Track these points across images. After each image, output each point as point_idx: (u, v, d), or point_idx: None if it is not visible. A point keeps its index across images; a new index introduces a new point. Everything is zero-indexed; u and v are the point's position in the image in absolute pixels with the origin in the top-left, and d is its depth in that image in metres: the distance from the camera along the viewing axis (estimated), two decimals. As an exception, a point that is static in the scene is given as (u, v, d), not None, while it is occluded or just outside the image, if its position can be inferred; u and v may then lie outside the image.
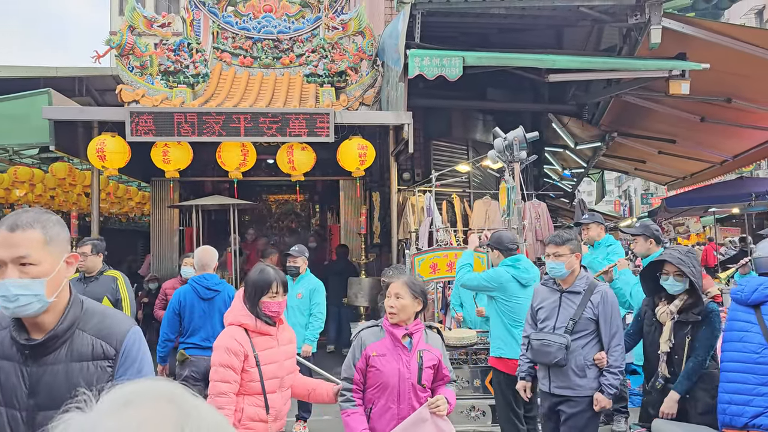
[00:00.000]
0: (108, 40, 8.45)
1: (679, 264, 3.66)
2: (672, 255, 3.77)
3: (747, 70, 7.92)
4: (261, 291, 3.15)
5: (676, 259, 3.70)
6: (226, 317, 3.25)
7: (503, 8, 7.35)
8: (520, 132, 5.27)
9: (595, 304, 3.85)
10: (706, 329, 3.70)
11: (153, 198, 9.91)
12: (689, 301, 3.74)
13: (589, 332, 3.85)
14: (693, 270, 3.67)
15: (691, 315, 3.71)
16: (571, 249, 3.90)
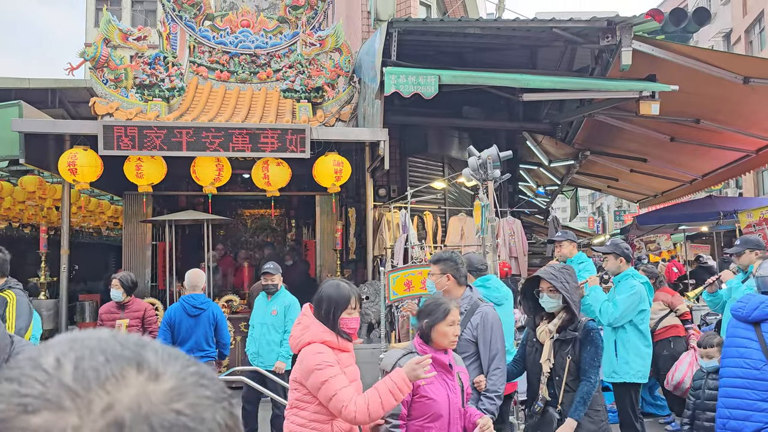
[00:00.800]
0: (82, 52, 8.37)
1: (551, 279, 3.50)
2: (545, 271, 3.63)
3: (714, 92, 8.14)
4: (340, 307, 2.98)
5: (548, 274, 3.56)
6: (299, 337, 2.97)
7: (478, 28, 7.46)
8: (494, 151, 5.33)
9: (475, 325, 3.64)
10: (591, 348, 3.51)
11: (126, 212, 9.77)
12: (567, 318, 3.57)
13: (468, 354, 3.62)
14: (566, 285, 3.51)
15: (569, 332, 3.53)
16: (441, 269, 3.73)
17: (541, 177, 15.25)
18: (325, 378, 2.79)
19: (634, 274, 5.21)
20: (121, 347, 0.49)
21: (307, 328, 2.99)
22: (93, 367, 0.46)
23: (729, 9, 27.13)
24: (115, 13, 32.52)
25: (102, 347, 0.49)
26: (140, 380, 0.46)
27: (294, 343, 2.99)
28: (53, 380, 0.45)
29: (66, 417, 0.44)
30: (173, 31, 9.73)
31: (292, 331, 3.07)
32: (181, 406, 0.46)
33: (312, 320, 3.00)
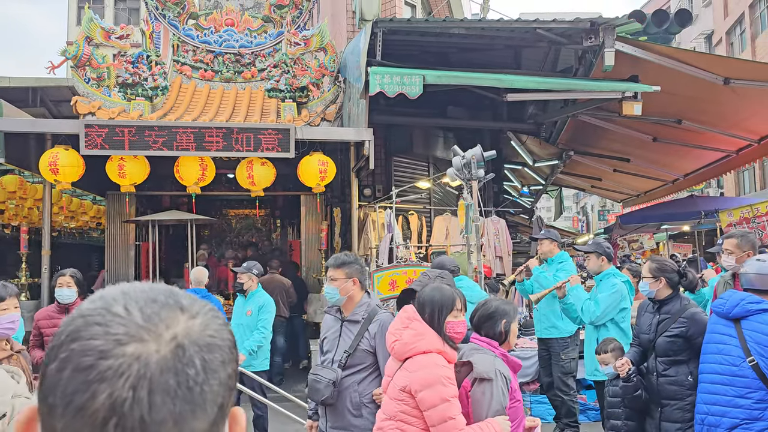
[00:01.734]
0: (63, 50, 8.28)
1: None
2: (420, 282, 3.32)
3: (696, 93, 8.24)
4: (446, 310, 2.77)
5: (420, 285, 3.23)
6: (413, 344, 2.72)
7: (463, 28, 7.49)
8: (477, 151, 5.35)
9: (372, 334, 3.38)
10: None
11: (108, 212, 9.68)
12: None
13: (366, 366, 3.38)
14: None
15: None
16: (347, 273, 3.44)
17: (525, 177, 15.33)
18: (446, 397, 2.58)
19: (615, 273, 5.27)
20: (164, 296, 0.70)
21: (422, 336, 2.73)
22: (154, 311, 0.67)
23: (710, 11, 27.48)
24: (97, 11, 32.21)
25: (152, 297, 0.69)
26: (184, 318, 0.68)
27: (404, 350, 2.74)
28: (130, 322, 0.65)
29: (148, 345, 0.64)
30: (156, 29, 9.65)
31: (401, 336, 2.77)
32: (211, 331, 0.69)
33: (425, 326, 2.76)
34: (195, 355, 0.66)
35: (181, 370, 0.64)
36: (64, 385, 0.62)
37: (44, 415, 0.64)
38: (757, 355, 3.40)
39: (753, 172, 23.49)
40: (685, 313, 3.95)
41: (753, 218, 9.06)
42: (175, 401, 0.63)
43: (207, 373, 0.66)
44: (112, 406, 0.60)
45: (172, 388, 0.63)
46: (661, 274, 4.05)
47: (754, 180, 23.84)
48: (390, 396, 2.76)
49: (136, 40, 11.30)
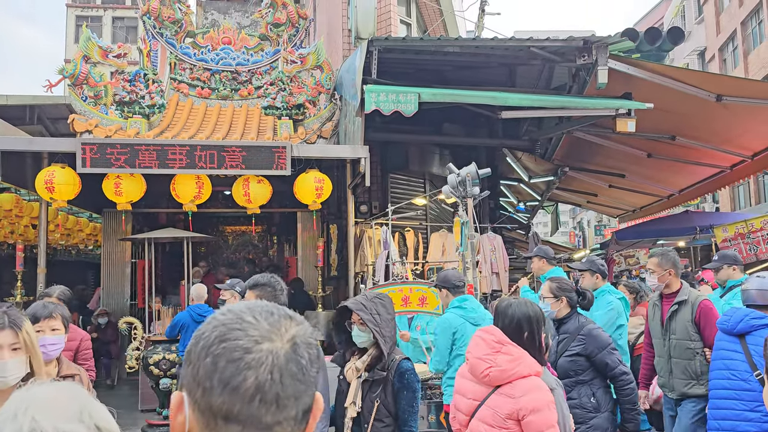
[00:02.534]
0: (61, 69, 8.32)
1: (359, 311, 3.05)
2: (354, 300, 3.19)
3: (689, 110, 8.31)
4: (542, 326, 2.74)
5: (356, 305, 3.11)
6: (512, 369, 2.63)
7: (457, 47, 7.56)
8: (472, 168, 5.38)
9: None
10: (407, 394, 3.05)
11: (104, 230, 9.68)
12: (376, 354, 3.10)
13: None
14: (375, 318, 3.05)
15: (377, 372, 3.07)
16: (257, 295, 3.36)
17: (521, 193, 15.38)
18: (551, 423, 2.55)
19: (611, 290, 5.28)
20: (276, 310, 0.95)
21: (519, 359, 2.64)
22: (275, 320, 0.92)
23: (703, 28, 27.78)
24: (95, 29, 32.42)
25: (268, 310, 0.94)
26: (294, 325, 0.93)
27: (503, 376, 2.63)
28: (261, 327, 0.89)
29: (275, 343, 0.88)
30: (154, 47, 9.73)
31: (495, 361, 2.66)
32: (310, 333, 0.94)
33: (519, 349, 2.67)
34: (304, 349, 0.92)
35: (298, 361, 0.90)
36: (221, 372, 0.86)
37: (198, 395, 0.87)
38: (763, 369, 3.44)
39: (748, 188, 23.61)
40: (582, 330, 3.89)
41: (748, 233, 9.10)
42: (296, 382, 0.89)
43: (311, 362, 0.92)
44: (258, 386, 0.86)
45: (295, 373, 0.89)
46: (562, 293, 4.02)
47: (749, 195, 23.95)
48: (488, 422, 2.65)
49: (133, 58, 11.38)
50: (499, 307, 2.87)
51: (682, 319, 4.39)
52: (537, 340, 2.72)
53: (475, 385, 2.75)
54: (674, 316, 4.45)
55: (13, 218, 10.71)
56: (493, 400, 2.65)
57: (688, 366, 4.36)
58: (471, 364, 2.77)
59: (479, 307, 4.77)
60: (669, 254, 4.55)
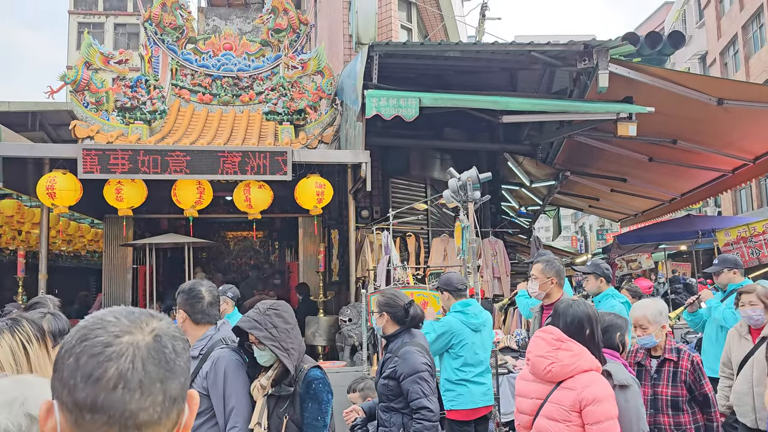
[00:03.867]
0: (63, 75, 8.34)
1: (252, 329, 2.85)
2: (246, 319, 2.94)
3: (690, 114, 8.30)
4: (599, 326, 2.89)
5: (249, 323, 2.89)
6: (572, 364, 2.73)
7: (458, 51, 7.56)
8: (473, 172, 5.37)
9: (204, 374, 2.96)
10: (312, 405, 2.88)
11: (106, 236, 9.68)
12: (281, 369, 2.92)
13: (202, 411, 2.92)
14: (271, 332, 2.86)
15: (283, 387, 2.89)
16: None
17: (523, 197, 15.37)
18: (611, 415, 2.64)
19: (614, 294, 5.26)
20: (138, 311, 1.00)
21: (580, 355, 2.76)
22: (135, 317, 0.97)
23: (704, 32, 27.80)
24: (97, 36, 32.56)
25: (129, 311, 0.99)
26: (156, 320, 0.99)
27: (565, 371, 2.73)
28: (121, 323, 0.94)
29: (136, 336, 0.93)
30: (155, 54, 9.75)
31: (557, 357, 2.76)
32: (174, 328, 1.01)
33: (578, 345, 2.80)
34: (168, 341, 0.97)
35: (160, 350, 0.95)
36: (82, 367, 0.89)
37: (64, 395, 0.89)
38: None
39: (750, 191, 23.58)
40: (400, 351, 3.58)
41: (750, 237, 9.08)
42: (159, 368, 0.93)
43: (176, 352, 0.98)
44: (120, 375, 0.89)
45: (158, 361, 0.93)
46: (385, 308, 3.73)
47: (751, 199, 23.91)
48: (553, 417, 2.74)
49: (135, 64, 11.41)
50: (559, 308, 3.00)
51: None
52: (597, 338, 2.87)
53: (538, 385, 2.84)
54: None
55: (14, 224, 10.71)
56: (557, 396, 2.75)
57: None
58: (532, 363, 2.86)
59: (482, 312, 4.76)
60: (554, 262, 4.40)
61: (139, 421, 0.90)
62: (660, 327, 3.70)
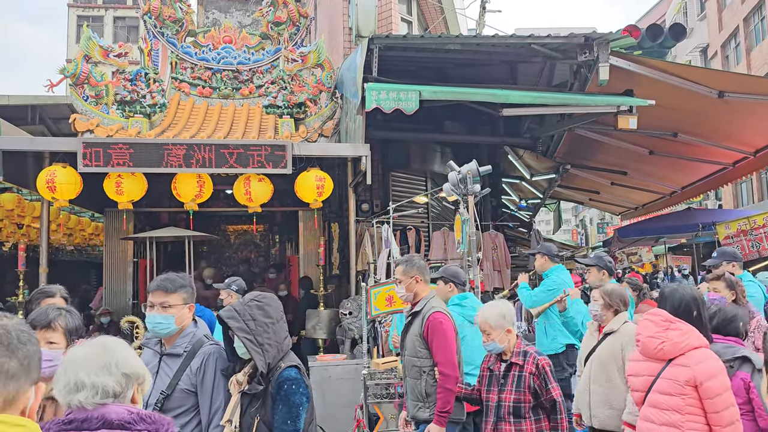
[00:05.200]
0: (62, 68, 8.32)
1: (229, 318, 2.78)
2: (226, 310, 2.87)
3: (691, 107, 8.29)
4: (705, 308, 3.16)
5: (227, 312, 2.82)
6: (683, 342, 2.99)
7: (458, 44, 7.54)
8: (473, 166, 5.37)
9: (194, 370, 2.87)
10: (282, 407, 2.71)
11: (106, 229, 9.68)
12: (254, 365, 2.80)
13: (185, 410, 2.86)
14: (248, 325, 2.76)
15: (254, 385, 2.77)
16: (184, 298, 3.00)
17: (523, 190, 15.37)
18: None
19: (615, 287, 5.26)
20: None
21: (689, 333, 3.00)
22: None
23: (705, 24, 27.70)
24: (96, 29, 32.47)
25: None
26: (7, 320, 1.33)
27: (675, 349, 2.98)
28: None
29: None
30: (155, 47, 9.72)
31: (667, 337, 3.02)
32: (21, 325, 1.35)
33: (687, 324, 3.04)
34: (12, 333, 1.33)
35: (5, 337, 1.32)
36: None
37: None
38: None
39: (751, 184, 23.56)
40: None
41: (750, 230, 9.08)
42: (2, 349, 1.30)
43: (20, 341, 1.33)
44: None
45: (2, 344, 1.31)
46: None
47: (752, 192, 23.90)
48: (667, 392, 2.97)
49: (134, 57, 11.38)
50: (665, 292, 3.26)
51: (412, 333, 3.97)
52: (704, 319, 3.12)
53: (649, 363, 3.09)
54: (408, 330, 4.05)
55: (15, 218, 10.72)
56: (669, 372, 2.99)
57: (415, 386, 3.91)
58: (643, 344, 3.12)
59: (479, 305, 4.77)
60: (414, 260, 4.11)
61: None
62: (505, 331, 3.54)
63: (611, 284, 4.31)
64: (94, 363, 1.67)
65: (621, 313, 4.02)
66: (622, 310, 4.02)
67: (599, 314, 4.08)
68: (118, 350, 1.75)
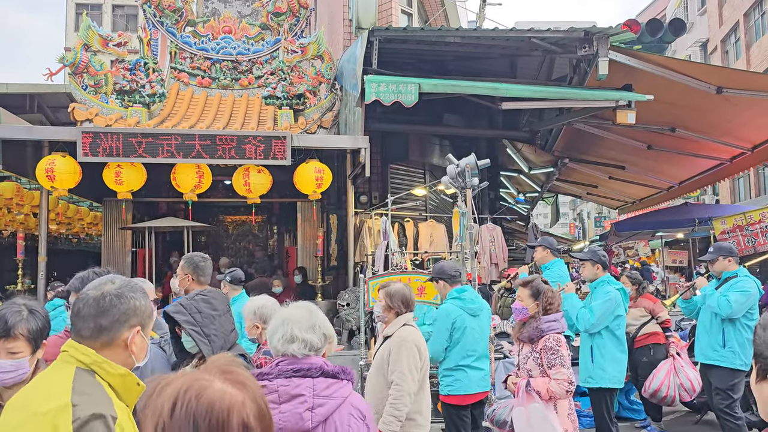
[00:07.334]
0: (61, 57, 8.30)
1: (175, 313, 2.85)
2: (173, 305, 2.92)
3: (689, 102, 8.31)
4: None
5: (174, 306, 2.86)
6: None
7: (458, 37, 7.54)
8: (472, 159, 5.39)
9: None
10: None
11: (105, 219, 9.69)
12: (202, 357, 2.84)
13: None
14: (194, 317, 2.83)
15: None
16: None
17: (521, 184, 15.39)
18: None
19: (610, 280, 5.30)
20: (107, 277, 1.88)
21: None
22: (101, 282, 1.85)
23: (705, 19, 27.64)
24: (95, 17, 32.29)
25: (103, 280, 1.86)
26: (110, 285, 1.81)
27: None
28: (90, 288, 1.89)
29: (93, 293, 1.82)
30: (154, 36, 9.70)
31: None
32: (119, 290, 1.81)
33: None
34: (108, 296, 1.76)
35: (100, 300, 1.75)
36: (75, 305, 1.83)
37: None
38: None
39: (748, 180, 23.60)
40: None
41: (746, 226, 9.12)
42: (92, 309, 1.74)
43: (111, 303, 1.75)
44: (78, 311, 1.77)
45: (95, 306, 1.75)
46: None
47: (749, 187, 23.94)
48: None
49: (133, 46, 11.35)
50: None
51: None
52: None
53: None
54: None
55: (13, 206, 10.72)
56: None
57: None
58: None
59: (477, 297, 4.80)
60: (194, 258, 4.03)
61: (81, 334, 1.72)
62: (253, 326, 3.45)
63: (395, 285, 4.01)
64: (305, 322, 2.14)
65: (401, 316, 3.81)
66: (403, 312, 3.83)
67: (381, 315, 3.93)
68: (319, 314, 2.23)
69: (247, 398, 1.06)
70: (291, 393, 2.02)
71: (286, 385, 2.03)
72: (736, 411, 5.25)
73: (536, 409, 3.74)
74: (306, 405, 2.01)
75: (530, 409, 3.77)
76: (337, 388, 2.08)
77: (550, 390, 3.77)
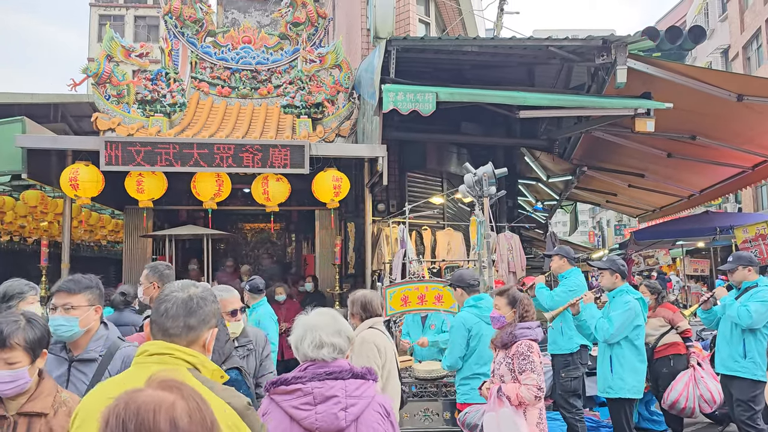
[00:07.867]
0: (85, 68, 8.48)
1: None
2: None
3: (709, 110, 8.22)
4: None
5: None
6: None
7: (476, 46, 7.56)
8: (489, 168, 5.40)
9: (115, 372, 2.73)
10: None
11: (126, 226, 9.84)
12: None
13: None
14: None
15: None
16: (89, 300, 2.84)
17: (539, 192, 15.33)
18: None
19: (629, 290, 5.26)
20: (189, 282, 2.03)
21: None
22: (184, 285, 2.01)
23: (727, 25, 27.35)
24: (117, 28, 32.85)
25: (185, 283, 2.04)
26: (194, 288, 2.00)
27: None
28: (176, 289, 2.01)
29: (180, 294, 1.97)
30: (175, 47, 9.87)
31: None
32: (204, 293, 1.99)
33: None
34: (195, 298, 1.90)
35: (189, 302, 1.89)
36: (156, 306, 1.90)
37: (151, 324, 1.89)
38: None
39: (771, 188, 23.23)
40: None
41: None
42: (181, 309, 1.86)
43: (198, 305, 1.89)
44: (166, 311, 1.87)
45: (184, 306, 1.87)
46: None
47: (772, 195, 23.56)
48: None
49: (155, 57, 11.55)
50: None
51: None
52: None
53: None
54: None
55: (38, 214, 10.93)
56: None
57: None
58: None
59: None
60: (158, 266, 4.02)
61: (170, 333, 1.83)
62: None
63: (359, 291, 4.03)
64: (331, 328, 2.29)
65: (366, 321, 3.83)
66: (364, 317, 3.84)
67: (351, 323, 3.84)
68: (341, 319, 2.39)
69: (178, 399, 1.11)
70: (325, 395, 2.17)
71: (320, 387, 2.17)
72: (759, 423, 5.18)
73: (506, 415, 3.78)
74: (340, 405, 2.16)
75: (500, 414, 3.80)
76: (366, 389, 2.23)
77: (520, 395, 3.81)
